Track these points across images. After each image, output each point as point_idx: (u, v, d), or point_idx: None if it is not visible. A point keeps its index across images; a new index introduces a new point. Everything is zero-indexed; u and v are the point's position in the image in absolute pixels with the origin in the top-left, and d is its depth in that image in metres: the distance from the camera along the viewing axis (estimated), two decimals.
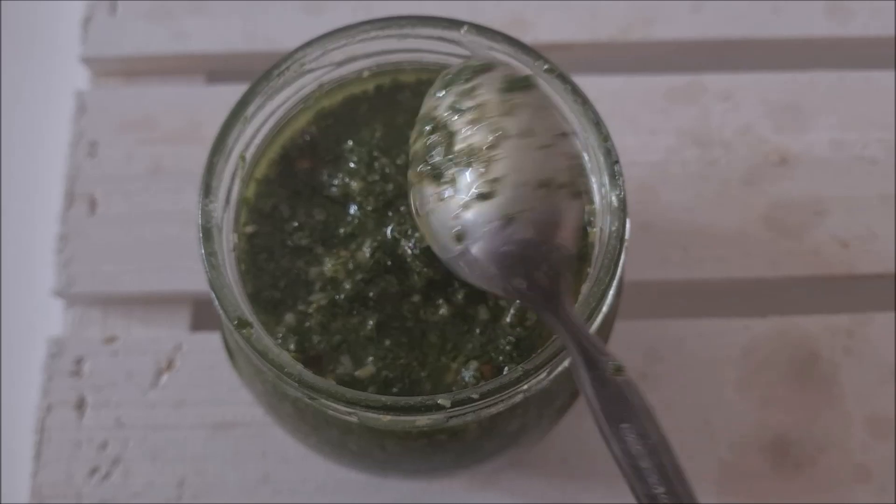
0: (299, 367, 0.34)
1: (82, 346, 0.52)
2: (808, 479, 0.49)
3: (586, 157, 0.38)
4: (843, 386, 0.51)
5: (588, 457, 0.49)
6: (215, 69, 0.58)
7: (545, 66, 0.37)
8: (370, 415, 0.34)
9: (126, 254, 0.53)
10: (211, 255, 0.35)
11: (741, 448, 0.50)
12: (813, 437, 0.50)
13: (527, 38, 0.56)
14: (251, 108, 0.38)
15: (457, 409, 0.33)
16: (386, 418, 0.33)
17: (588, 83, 0.55)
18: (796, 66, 0.57)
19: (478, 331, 0.38)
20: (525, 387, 0.34)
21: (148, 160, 0.55)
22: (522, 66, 0.37)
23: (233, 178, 0.38)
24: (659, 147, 0.55)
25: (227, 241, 0.37)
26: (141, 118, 0.56)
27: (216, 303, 0.35)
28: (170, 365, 0.52)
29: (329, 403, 0.34)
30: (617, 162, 0.36)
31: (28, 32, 0.61)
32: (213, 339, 0.52)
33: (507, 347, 0.37)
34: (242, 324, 0.35)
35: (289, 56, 0.38)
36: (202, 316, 0.54)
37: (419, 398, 0.33)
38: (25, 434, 0.51)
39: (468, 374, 0.37)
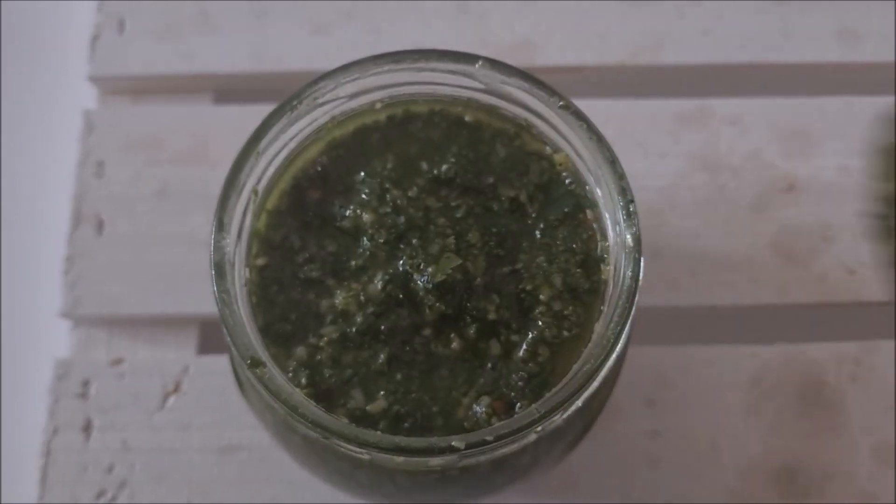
0: (312, 406, 0.34)
1: (89, 368, 0.52)
2: None
3: (599, 193, 0.38)
4: (849, 414, 0.51)
5: (597, 482, 0.49)
6: (223, 89, 0.58)
7: (560, 103, 0.37)
8: (383, 456, 0.34)
9: (133, 275, 0.53)
10: (223, 293, 0.35)
11: (748, 475, 0.50)
12: (820, 465, 0.50)
13: (536, 62, 0.57)
14: (264, 142, 0.38)
15: (471, 450, 0.33)
16: (399, 459, 0.33)
17: (596, 106, 0.55)
18: (804, 92, 0.57)
19: (489, 366, 0.38)
20: (539, 428, 0.34)
21: (155, 181, 0.55)
22: (537, 101, 0.37)
23: (245, 212, 0.38)
24: (667, 171, 0.55)
25: (240, 275, 0.37)
26: (148, 138, 0.56)
27: (228, 339, 0.35)
28: (176, 387, 0.51)
29: (342, 444, 0.34)
30: (632, 201, 0.36)
31: (36, 51, 0.61)
32: (219, 362, 0.52)
33: (520, 383, 0.37)
34: (255, 363, 0.34)
35: (302, 90, 0.38)
36: (209, 338, 0.54)
37: (432, 440, 0.33)
38: (31, 457, 0.51)
39: (480, 410, 0.37)
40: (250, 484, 0.50)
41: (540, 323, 0.38)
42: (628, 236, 0.35)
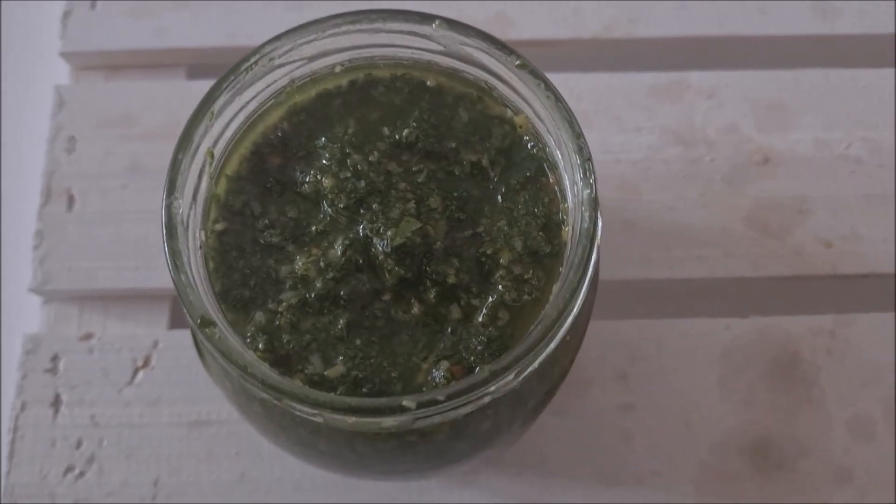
0: (264, 367, 0.34)
1: (58, 344, 0.51)
2: (788, 481, 0.49)
3: (559, 154, 0.38)
4: (824, 387, 0.50)
5: (569, 457, 0.49)
6: (196, 64, 0.58)
7: (517, 62, 0.37)
8: (336, 416, 0.33)
9: (104, 251, 0.53)
10: (174, 254, 0.35)
11: (722, 449, 0.49)
12: (794, 439, 0.49)
13: (510, 36, 0.56)
14: (218, 104, 0.37)
15: (422, 410, 0.33)
16: (351, 420, 0.33)
17: (571, 80, 0.55)
18: (781, 65, 0.56)
19: (449, 330, 0.38)
20: (493, 388, 0.33)
21: (127, 157, 0.54)
22: (495, 62, 0.37)
23: (200, 175, 0.37)
24: (642, 145, 0.54)
25: (194, 238, 0.37)
26: (120, 114, 0.55)
27: (180, 301, 0.35)
28: (146, 362, 0.51)
29: (294, 405, 0.33)
30: (589, 159, 0.35)
31: (8, 27, 0.60)
32: (190, 337, 0.51)
33: (479, 347, 0.37)
34: (206, 322, 0.34)
35: (257, 50, 0.38)
36: (181, 314, 0.53)
37: (384, 399, 0.33)
38: None
39: (439, 375, 0.37)
40: (220, 459, 0.49)
41: (500, 287, 0.38)
42: (585, 195, 0.35)
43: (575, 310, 0.35)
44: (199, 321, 0.34)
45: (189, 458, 0.49)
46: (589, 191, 0.35)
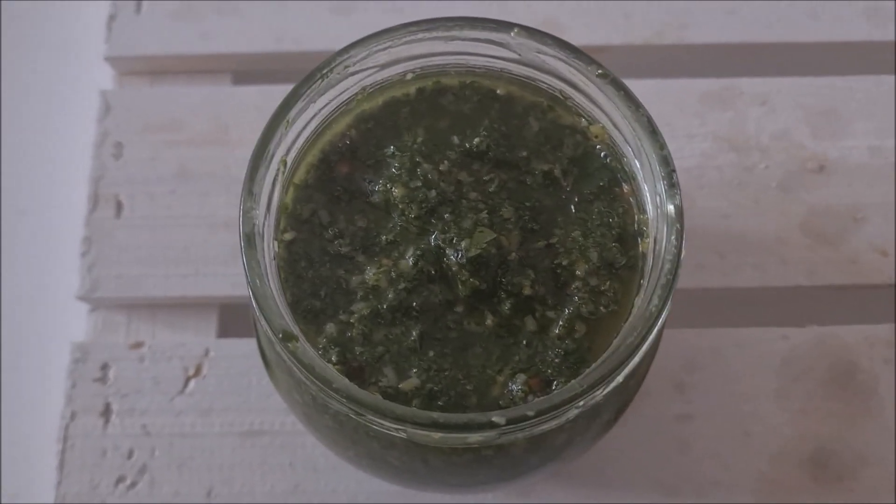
0: (346, 381, 0.33)
1: (107, 352, 0.51)
2: (848, 491, 0.48)
3: (637, 165, 0.37)
4: (882, 397, 0.50)
5: (626, 468, 0.48)
6: (242, 70, 0.57)
7: (598, 71, 0.36)
8: (420, 432, 0.33)
9: (152, 258, 0.52)
10: (254, 264, 0.34)
11: (780, 460, 0.49)
12: (853, 450, 0.49)
13: None
14: (294, 112, 0.37)
15: (511, 426, 0.32)
16: (437, 436, 0.32)
17: None
18: (834, 71, 0.56)
19: (524, 342, 0.37)
20: (581, 403, 0.33)
21: (174, 162, 0.54)
22: (573, 71, 0.36)
23: (273, 184, 0.37)
24: (694, 152, 0.54)
25: (269, 249, 0.36)
26: (166, 119, 0.55)
27: (258, 313, 0.34)
28: (197, 371, 0.51)
29: (377, 419, 0.33)
30: (674, 171, 0.35)
31: (53, 32, 0.60)
32: (241, 345, 0.51)
33: (556, 360, 0.36)
34: (288, 337, 0.34)
35: (332, 58, 0.37)
36: (229, 321, 0.53)
37: (472, 415, 0.32)
38: (49, 443, 0.50)
39: (516, 388, 0.36)
40: (273, 470, 0.49)
41: (576, 298, 0.37)
42: (671, 207, 0.34)
43: (661, 322, 0.34)
44: (280, 335, 0.33)
45: (242, 469, 0.49)
46: (675, 203, 0.34)
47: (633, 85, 0.54)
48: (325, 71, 0.37)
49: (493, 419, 0.32)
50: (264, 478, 0.49)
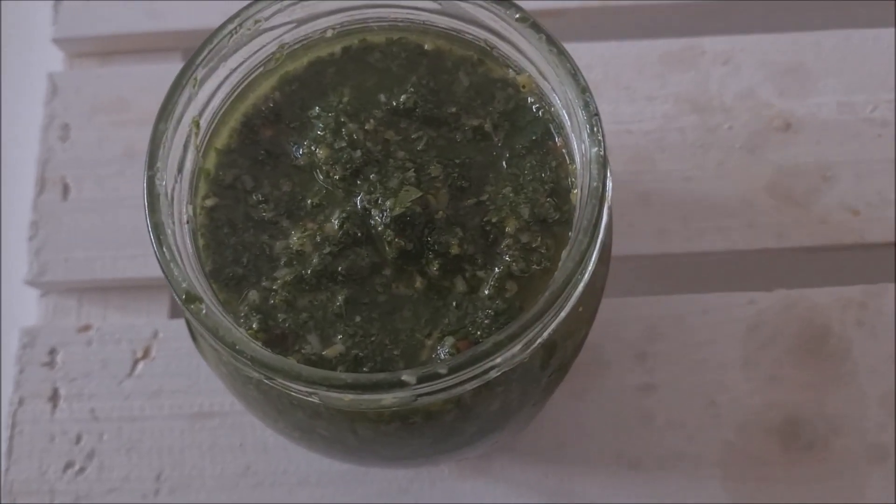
0: (252, 344, 0.32)
1: (56, 336, 0.50)
2: (820, 461, 0.46)
3: (565, 114, 0.35)
4: (856, 362, 0.48)
5: (587, 441, 0.47)
6: (192, 47, 0.55)
7: (517, 15, 0.34)
8: (331, 394, 0.31)
9: (101, 240, 0.51)
10: (157, 228, 0.33)
11: (748, 430, 0.47)
12: (825, 417, 0.47)
13: None
14: (201, 71, 0.35)
15: (423, 385, 0.31)
16: (348, 397, 0.31)
17: (579, 50, 0.53)
18: (800, 27, 0.53)
19: (454, 304, 0.35)
20: (498, 360, 0.31)
21: (121, 143, 0.53)
22: (494, 17, 0.35)
23: (185, 147, 0.35)
24: (655, 114, 0.52)
25: (180, 213, 0.35)
26: (115, 100, 0.54)
27: (165, 277, 0.33)
28: (146, 353, 0.49)
29: (287, 383, 0.31)
30: (596, 115, 0.33)
31: (2, 16, 0.59)
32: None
33: (486, 321, 0.35)
34: (191, 298, 0.32)
35: (240, 13, 0.36)
36: None
37: (382, 375, 0.31)
38: None
39: (444, 351, 0.34)
40: (224, 451, 0.47)
41: (507, 257, 0.35)
42: (593, 153, 0.33)
43: (586, 276, 0.32)
44: (183, 297, 0.32)
45: (192, 451, 0.48)
46: (597, 148, 0.33)
47: (590, 48, 0.53)
48: (233, 26, 0.35)
49: (404, 377, 0.30)
50: (214, 460, 0.47)
